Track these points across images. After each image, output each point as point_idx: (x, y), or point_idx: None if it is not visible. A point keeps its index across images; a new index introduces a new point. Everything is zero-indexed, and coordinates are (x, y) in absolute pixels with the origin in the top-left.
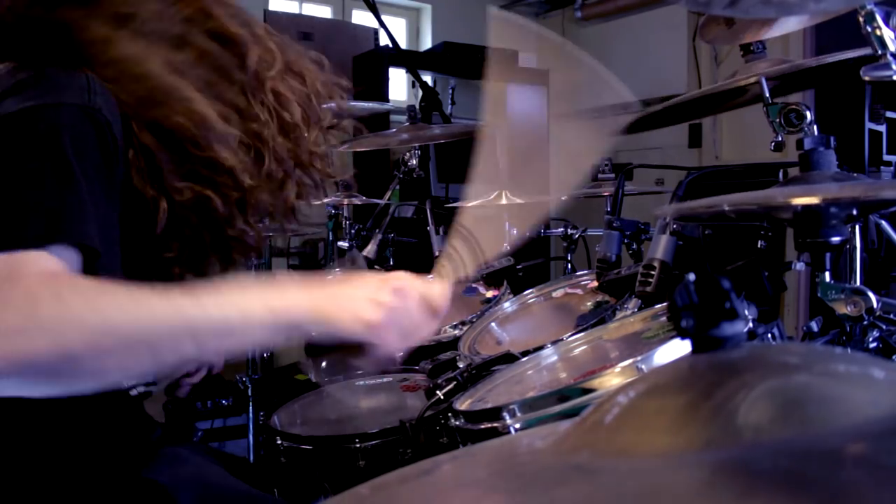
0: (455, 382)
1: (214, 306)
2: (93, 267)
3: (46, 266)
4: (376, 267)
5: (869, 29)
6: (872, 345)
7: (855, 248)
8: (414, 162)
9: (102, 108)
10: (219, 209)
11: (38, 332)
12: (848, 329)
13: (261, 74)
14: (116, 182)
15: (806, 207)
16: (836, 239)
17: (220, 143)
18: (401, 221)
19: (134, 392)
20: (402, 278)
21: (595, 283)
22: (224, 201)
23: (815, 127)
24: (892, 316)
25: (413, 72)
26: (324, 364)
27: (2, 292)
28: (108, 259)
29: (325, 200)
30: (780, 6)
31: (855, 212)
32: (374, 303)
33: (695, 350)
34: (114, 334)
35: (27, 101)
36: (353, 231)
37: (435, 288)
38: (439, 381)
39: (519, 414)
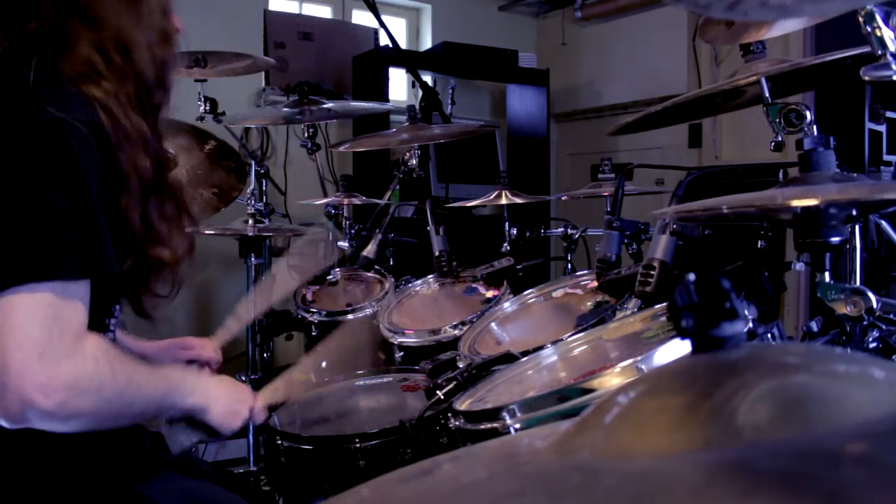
0: (455, 382)
1: (175, 391)
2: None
3: (83, 307)
4: (376, 267)
5: (869, 29)
6: (872, 345)
7: (855, 248)
8: (414, 162)
9: (104, 125)
10: None
11: (91, 395)
12: (848, 329)
13: None
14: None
15: (805, 208)
16: (835, 239)
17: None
18: (401, 221)
19: None
20: (258, 403)
21: (595, 283)
22: None
23: (814, 127)
24: (892, 316)
25: (413, 72)
26: (324, 364)
27: (77, 352)
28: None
29: (325, 200)
30: (778, 9)
31: (855, 212)
32: (240, 419)
33: (695, 350)
34: (131, 407)
35: (37, 111)
36: (353, 231)
37: (261, 409)
38: (439, 381)
39: (519, 414)
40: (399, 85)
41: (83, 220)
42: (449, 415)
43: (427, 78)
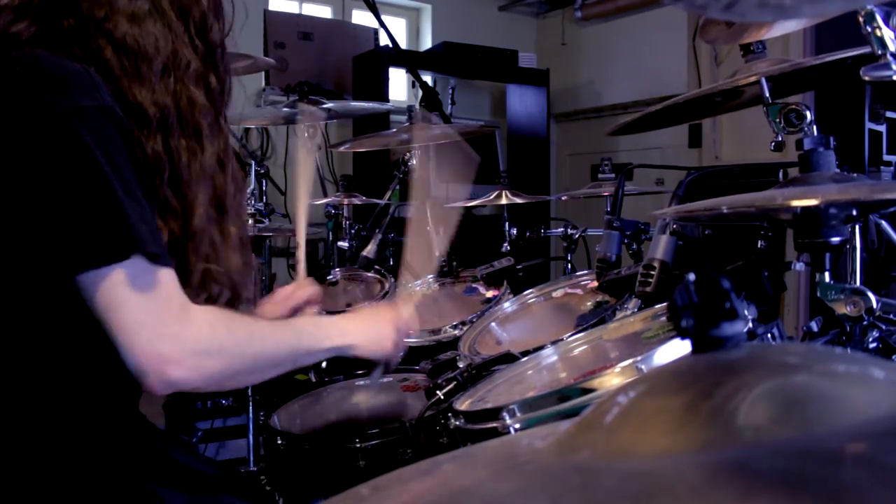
0: (455, 382)
1: (305, 336)
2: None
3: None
4: (376, 267)
5: (869, 29)
6: (872, 345)
7: (855, 248)
8: (414, 162)
9: (113, 106)
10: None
11: (218, 356)
12: (848, 329)
13: None
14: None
15: (805, 208)
16: (835, 239)
17: None
18: (401, 221)
19: None
20: (402, 314)
21: (595, 283)
22: None
23: (814, 127)
24: (892, 316)
25: (413, 72)
26: (324, 364)
27: (190, 318)
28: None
29: (325, 200)
30: (777, 9)
31: (855, 212)
32: (390, 340)
33: (695, 350)
34: (261, 359)
35: (42, 105)
36: (353, 231)
37: (410, 317)
38: (439, 381)
39: (519, 414)
40: (399, 85)
41: (138, 203)
42: (449, 415)
43: (427, 78)
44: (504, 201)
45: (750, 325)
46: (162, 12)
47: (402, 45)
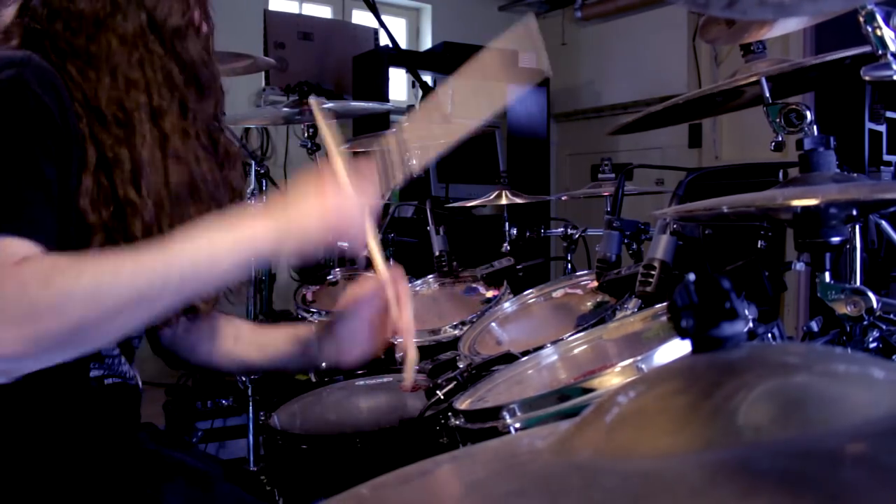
0: (455, 382)
1: (185, 243)
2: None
3: (18, 251)
4: None
5: (869, 29)
6: (872, 345)
7: (855, 248)
8: (414, 162)
9: (31, 82)
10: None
11: (40, 316)
12: (848, 329)
13: None
14: (54, 150)
15: (805, 208)
16: (835, 239)
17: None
18: (401, 221)
19: (109, 381)
20: (325, 174)
21: (595, 283)
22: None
23: (815, 127)
24: (892, 316)
25: (413, 72)
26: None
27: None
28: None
29: None
30: (777, 7)
31: (855, 212)
32: (321, 210)
33: (695, 350)
34: (107, 298)
35: None
36: None
37: (365, 188)
38: (439, 381)
39: (519, 414)
40: (399, 85)
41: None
42: (449, 415)
43: (427, 78)
44: (504, 201)
45: (750, 325)
46: None
47: (402, 45)
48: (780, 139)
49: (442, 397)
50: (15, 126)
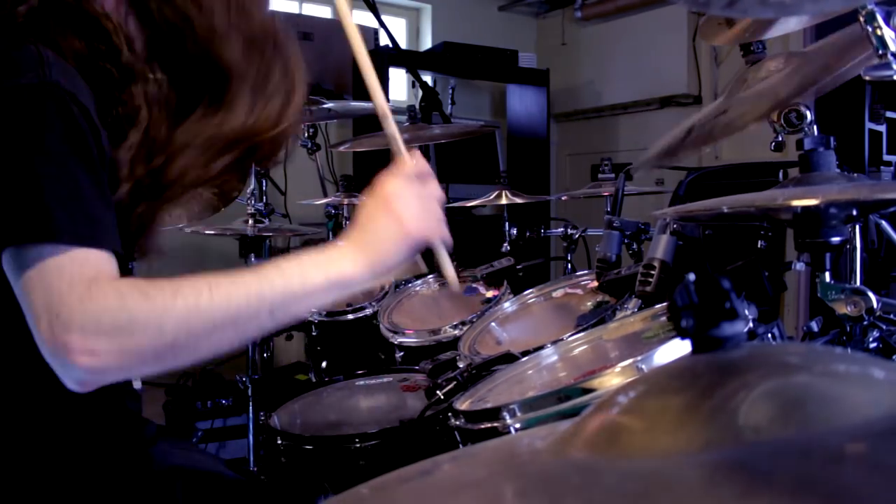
0: (455, 382)
1: (279, 278)
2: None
3: (110, 267)
4: None
5: (869, 29)
6: (872, 345)
7: (855, 248)
8: None
9: (61, 82)
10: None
11: (131, 330)
12: (848, 329)
13: None
14: (95, 155)
15: (805, 209)
16: (836, 239)
17: None
18: None
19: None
20: (391, 184)
21: (595, 283)
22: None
23: (815, 127)
24: (892, 316)
25: (413, 72)
26: (324, 364)
27: (94, 294)
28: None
29: (325, 200)
30: (778, 6)
31: (855, 212)
32: (400, 224)
33: (695, 350)
34: (202, 318)
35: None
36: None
37: (406, 163)
38: (439, 381)
39: (519, 414)
40: (399, 85)
41: (64, 185)
42: (449, 415)
43: (427, 78)
44: (504, 201)
45: (750, 325)
46: None
47: (402, 45)
48: (780, 139)
49: (442, 397)
50: (64, 136)
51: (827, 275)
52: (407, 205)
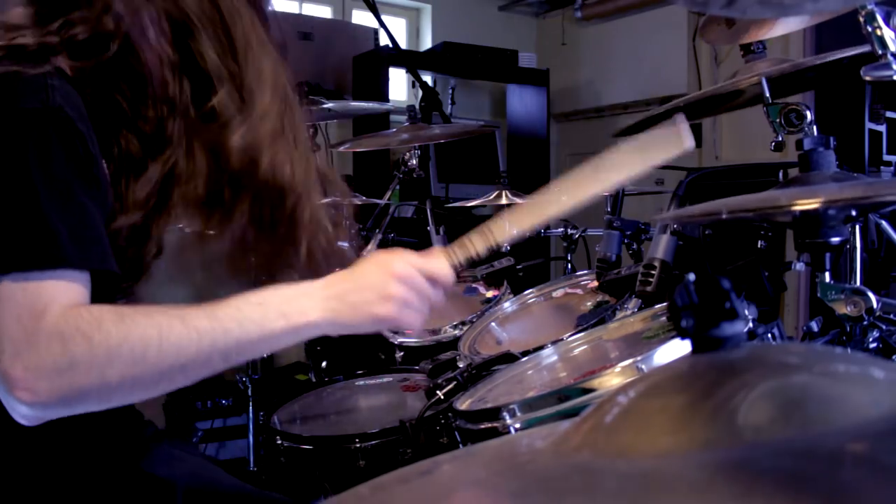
0: (455, 382)
1: (235, 324)
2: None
3: (66, 297)
4: None
5: (869, 29)
6: (872, 345)
7: (855, 248)
8: (414, 162)
9: (64, 106)
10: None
11: (71, 372)
12: (848, 329)
13: None
14: (93, 178)
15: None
16: (835, 239)
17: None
18: (401, 221)
19: None
20: (404, 261)
21: (595, 283)
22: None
23: (814, 127)
24: (892, 316)
25: (413, 72)
26: (324, 364)
27: (33, 333)
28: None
29: (325, 201)
30: (777, 6)
31: (854, 212)
32: (383, 297)
33: (695, 350)
34: (145, 364)
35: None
36: (352, 231)
37: (435, 263)
38: (439, 381)
39: (519, 414)
40: (399, 85)
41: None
42: (449, 415)
43: (427, 78)
44: (504, 201)
45: (750, 325)
46: None
47: (402, 45)
48: (780, 139)
49: (442, 397)
50: (66, 157)
51: (827, 275)
52: (403, 290)
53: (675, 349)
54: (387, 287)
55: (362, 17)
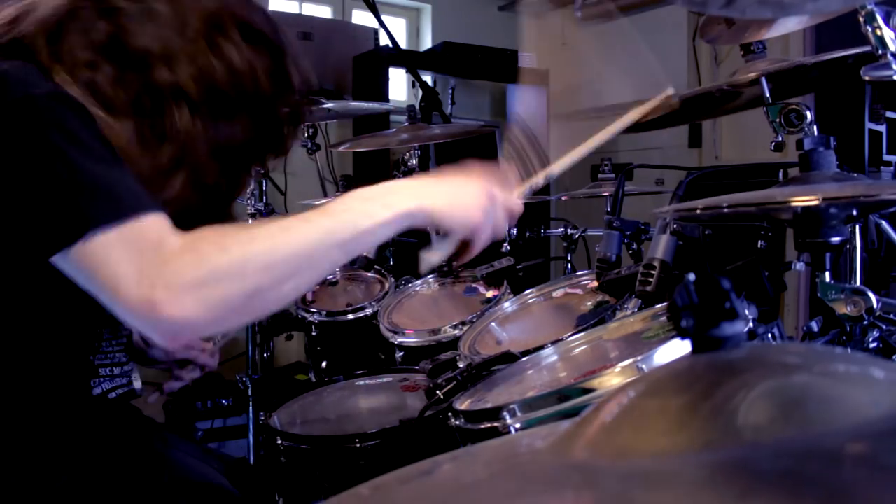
0: (455, 382)
1: (349, 215)
2: None
3: (170, 228)
4: (376, 267)
5: (869, 29)
6: (872, 345)
7: (855, 248)
8: (414, 162)
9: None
10: None
11: (215, 281)
12: (848, 329)
13: None
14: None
15: (806, 208)
16: (836, 239)
17: None
18: None
19: (113, 395)
20: (496, 187)
21: (595, 283)
22: None
23: (815, 127)
24: (892, 316)
25: (413, 72)
26: (324, 364)
27: (162, 256)
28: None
29: (325, 200)
30: (777, 6)
31: (855, 212)
32: (476, 207)
33: (695, 350)
34: (281, 260)
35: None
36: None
37: (514, 199)
38: (439, 381)
39: (519, 414)
40: (399, 85)
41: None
42: (449, 415)
43: (427, 78)
44: None
45: (750, 325)
46: None
47: (402, 45)
48: (780, 139)
49: (442, 397)
50: (78, 128)
51: (827, 275)
52: (490, 209)
53: (675, 349)
54: (481, 199)
55: (362, 17)
